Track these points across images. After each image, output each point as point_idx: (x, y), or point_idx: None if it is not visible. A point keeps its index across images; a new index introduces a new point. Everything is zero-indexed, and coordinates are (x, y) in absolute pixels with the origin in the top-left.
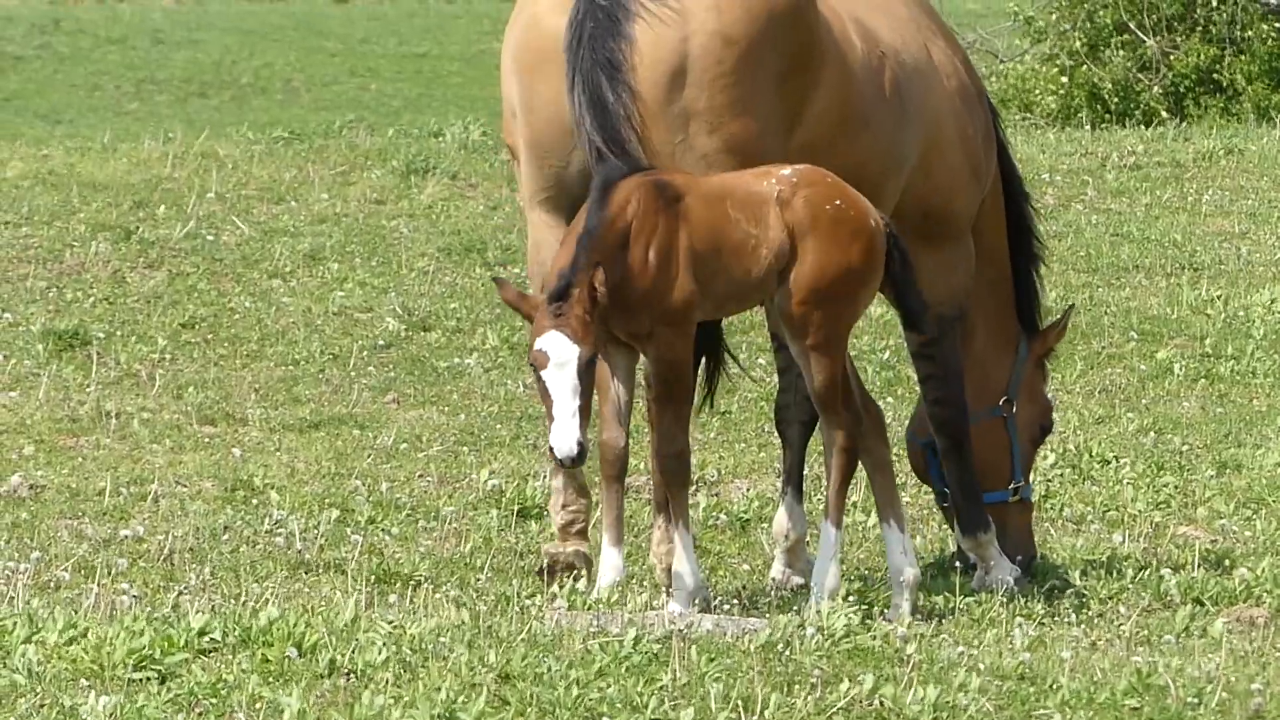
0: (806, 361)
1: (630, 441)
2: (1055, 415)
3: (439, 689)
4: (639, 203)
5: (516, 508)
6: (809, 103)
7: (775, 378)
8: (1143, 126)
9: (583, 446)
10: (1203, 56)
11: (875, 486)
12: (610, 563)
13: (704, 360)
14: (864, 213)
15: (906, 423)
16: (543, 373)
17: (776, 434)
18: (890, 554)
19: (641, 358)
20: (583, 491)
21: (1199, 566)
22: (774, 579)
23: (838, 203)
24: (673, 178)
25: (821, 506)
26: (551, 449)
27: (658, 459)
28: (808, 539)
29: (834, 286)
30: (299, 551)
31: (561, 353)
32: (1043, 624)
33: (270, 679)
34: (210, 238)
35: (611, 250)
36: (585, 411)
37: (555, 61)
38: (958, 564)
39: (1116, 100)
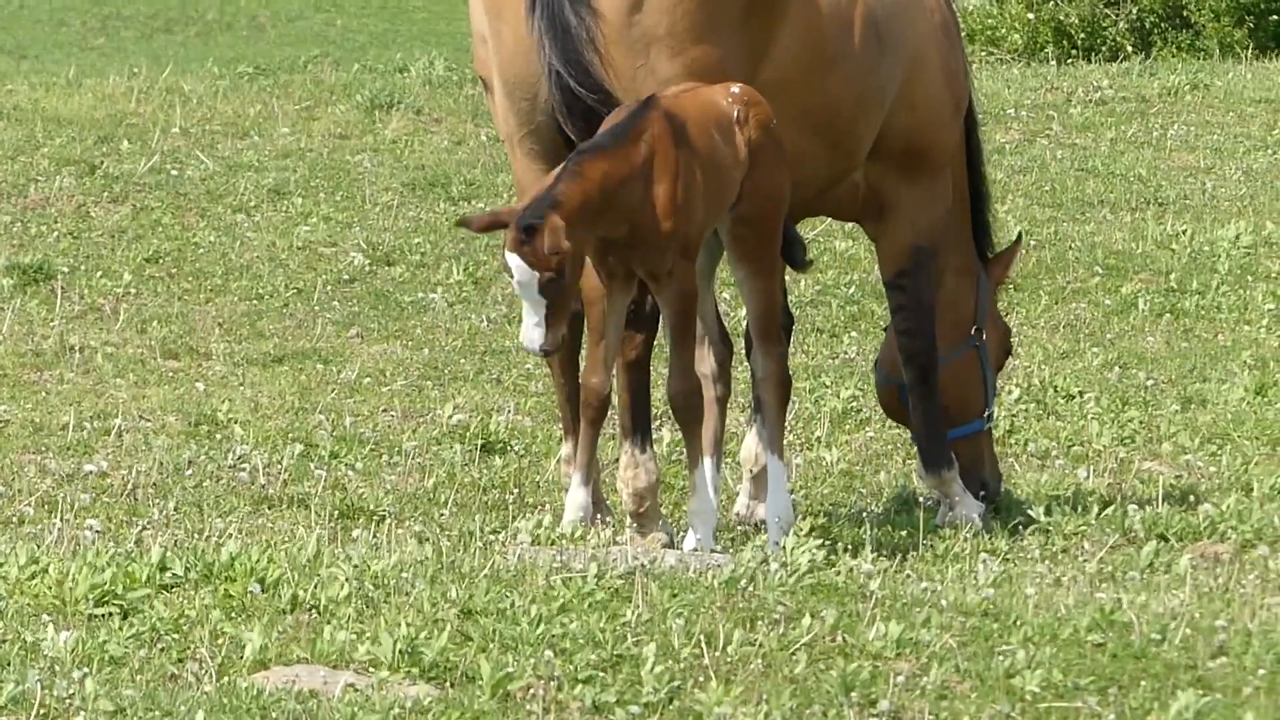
0: (751, 286)
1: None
2: (1013, 339)
3: (401, 624)
4: (657, 138)
5: (480, 443)
6: (775, 40)
7: (742, 310)
8: (1108, 62)
9: (548, 342)
10: None
11: (706, 427)
12: (577, 501)
13: None
14: (781, 134)
15: (874, 363)
16: (512, 281)
17: (746, 361)
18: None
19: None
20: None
21: (1164, 502)
22: (738, 514)
23: (775, 122)
24: (671, 104)
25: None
26: (521, 344)
27: (676, 399)
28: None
29: (774, 207)
30: (262, 486)
31: (521, 273)
32: (1007, 560)
33: (232, 614)
34: (174, 172)
35: (620, 178)
36: (556, 312)
37: None
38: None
39: (1082, 36)
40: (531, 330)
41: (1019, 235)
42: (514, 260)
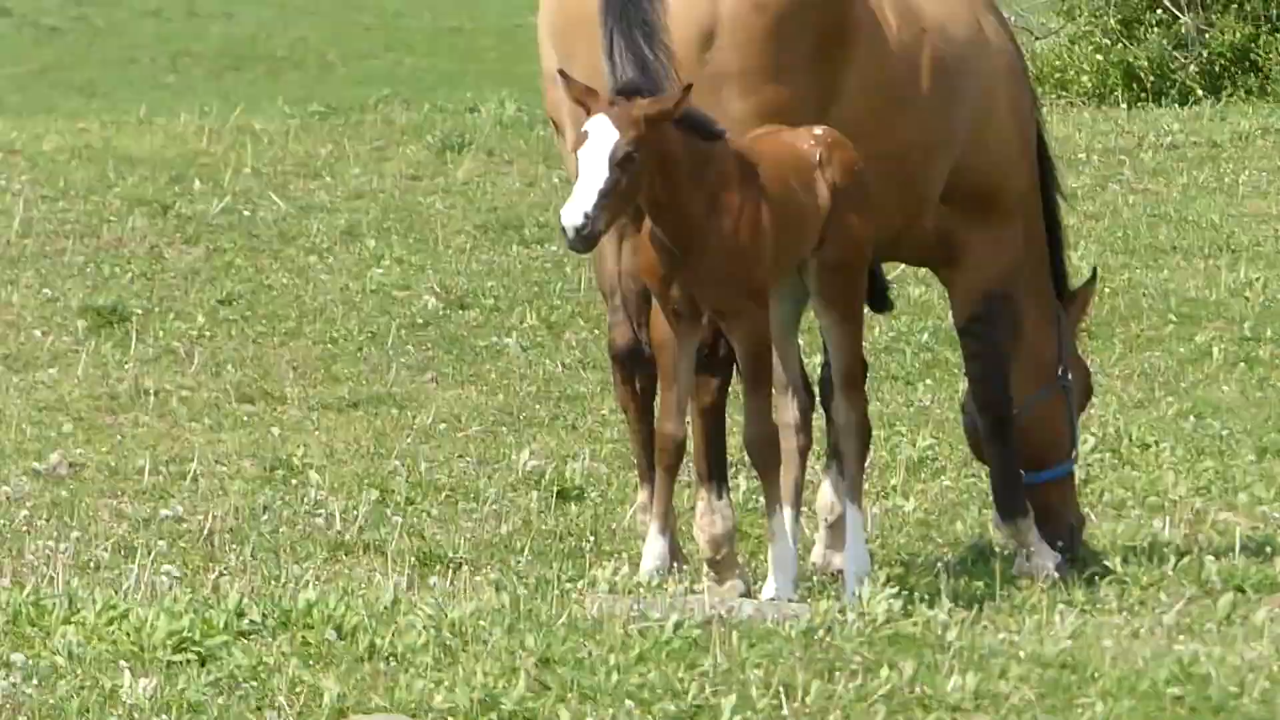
0: (836, 333)
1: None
2: (1093, 379)
3: (479, 673)
4: (724, 176)
5: (556, 489)
6: (843, 80)
7: (818, 357)
8: (1178, 105)
9: (589, 220)
10: (1238, 35)
11: (786, 477)
12: (655, 550)
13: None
14: (868, 177)
15: (960, 406)
16: (579, 151)
17: (821, 409)
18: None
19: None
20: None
21: (1240, 553)
22: (814, 563)
23: (860, 166)
24: (744, 146)
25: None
26: (559, 220)
27: (752, 444)
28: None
29: (860, 252)
30: (338, 532)
31: (600, 132)
32: (1084, 611)
33: (310, 662)
34: (247, 213)
35: (685, 166)
36: (610, 199)
37: (591, 27)
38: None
39: (1152, 79)
40: (578, 204)
41: (1093, 272)
42: (598, 120)
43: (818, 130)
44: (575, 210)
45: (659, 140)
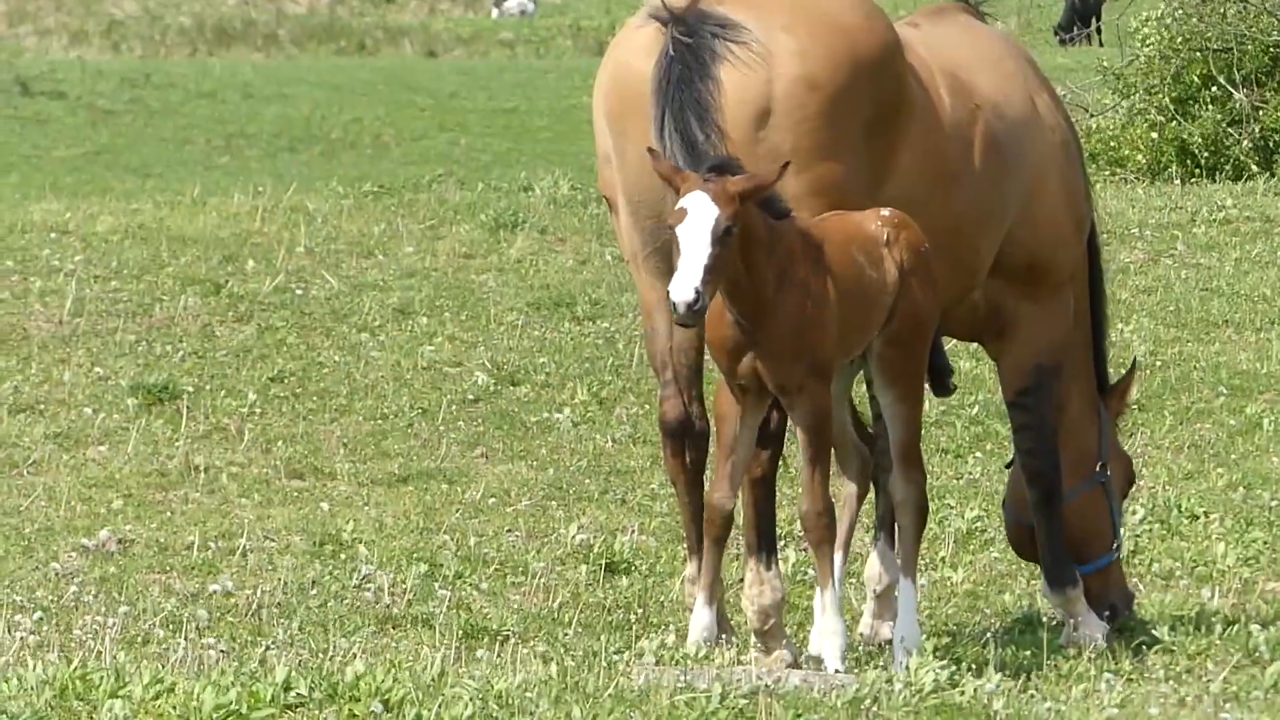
0: (896, 411)
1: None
2: (1137, 463)
3: None
4: (795, 248)
5: (604, 563)
6: (896, 155)
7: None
8: (1232, 181)
9: (700, 295)
10: None
11: (841, 520)
12: (701, 621)
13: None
14: (932, 257)
15: (1002, 503)
16: (678, 228)
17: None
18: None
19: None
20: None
21: None
22: (862, 634)
23: (926, 245)
24: (810, 225)
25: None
26: (669, 296)
27: (808, 518)
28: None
29: (922, 331)
30: (386, 606)
31: (700, 208)
32: (1131, 680)
33: None
34: (299, 292)
35: (758, 239)
36: (713, 273)
37: (645, 108)
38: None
39: (1206, 155)
40: (687, 279)
41: (1134, 363)
42: (697, 197)
43: (885, 211)
44: (686, 286)
45: (746, 217)
